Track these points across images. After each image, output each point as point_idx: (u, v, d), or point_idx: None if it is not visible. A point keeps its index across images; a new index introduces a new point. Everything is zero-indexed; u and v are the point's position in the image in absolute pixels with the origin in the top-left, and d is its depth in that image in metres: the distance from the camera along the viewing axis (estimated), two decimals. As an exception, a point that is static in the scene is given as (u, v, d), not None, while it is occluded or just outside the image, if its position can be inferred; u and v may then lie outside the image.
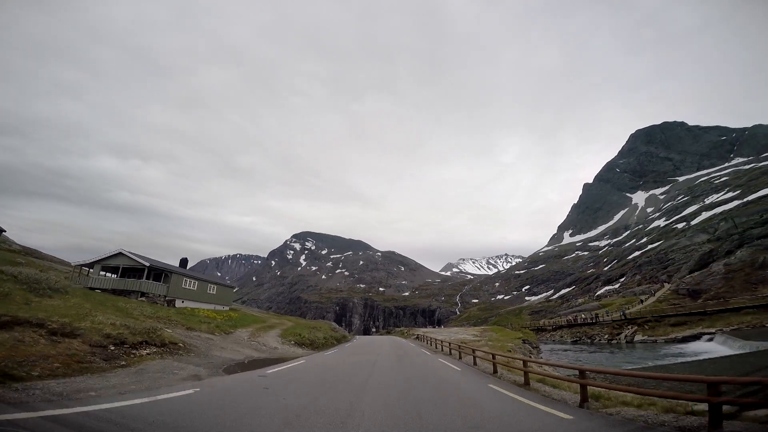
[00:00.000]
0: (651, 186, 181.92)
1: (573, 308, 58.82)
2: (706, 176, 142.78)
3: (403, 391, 9.44)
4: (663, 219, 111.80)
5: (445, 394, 9.12)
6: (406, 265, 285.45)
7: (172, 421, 5.63)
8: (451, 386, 10.60)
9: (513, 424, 6.40)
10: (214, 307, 39.93)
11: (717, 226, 67.49)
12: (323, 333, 36.70)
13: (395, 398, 8.37)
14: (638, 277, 62.36)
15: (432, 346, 31.66)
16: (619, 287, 65.52)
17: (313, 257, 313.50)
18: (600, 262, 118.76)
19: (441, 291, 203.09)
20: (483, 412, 7.14)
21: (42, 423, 5.10)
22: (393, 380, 11.37)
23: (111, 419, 5.63)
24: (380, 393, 8.99)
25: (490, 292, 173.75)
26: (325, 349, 29.39)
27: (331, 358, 20.78)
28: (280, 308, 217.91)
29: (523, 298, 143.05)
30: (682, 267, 56.71)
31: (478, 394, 9.46)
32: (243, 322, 31.69)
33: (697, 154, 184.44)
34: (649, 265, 65.70)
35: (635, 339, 44.59)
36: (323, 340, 32.77)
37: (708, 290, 47.64)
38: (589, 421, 6.67)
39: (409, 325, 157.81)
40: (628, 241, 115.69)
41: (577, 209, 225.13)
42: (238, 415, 6.20)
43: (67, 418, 5.41)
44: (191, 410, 6.49)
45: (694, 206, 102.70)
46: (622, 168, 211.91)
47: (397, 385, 10.27)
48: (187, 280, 37.36)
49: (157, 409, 6.33)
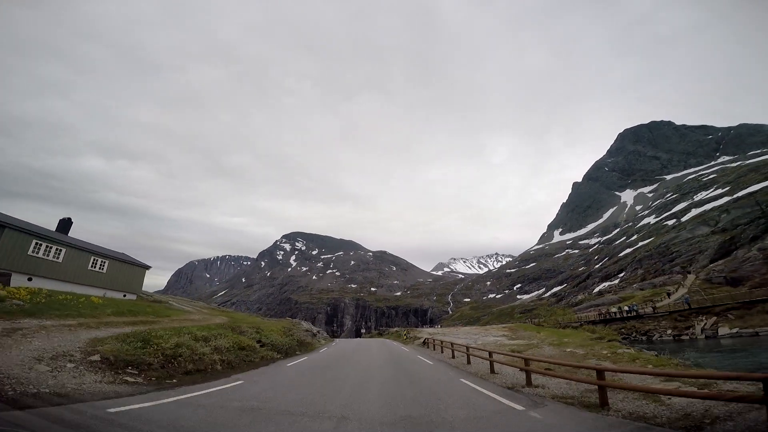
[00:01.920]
0: (639, 184, 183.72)
1: (586, 304, 54.80)
2: (694, 174, 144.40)
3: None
4: (653, 216, 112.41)
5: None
6: (398, 264, 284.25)
7: None
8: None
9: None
10: (105, 293, 27.88)
11: (718, 218, 67.76)
12: (250, 338, 19.25)
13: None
14: (641, 272, 61.70)
15: (465, 360, 17.76)
16: (619, 282, 65.02)
17: (303, 258, 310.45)
18: (591, 259, 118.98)
19: (433, 290, 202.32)
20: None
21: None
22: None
23: None
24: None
25: (482, 291, 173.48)
26: (215, 377, 11.27)
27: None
28: (270, 309, 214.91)
29: (515, 296, 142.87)
30: (698, 257, 55.04)
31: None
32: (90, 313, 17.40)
33: (684, 153, 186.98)
34: (650, 259, 65.39)
35: (720, 333, 35.17)
36: (236, 353, 15.26)
37: (750, 277, 43.88)
38: None
39: (401, 324, 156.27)
40: (619, 239, 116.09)
41: (567, 208, 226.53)
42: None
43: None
44: None
45: (684, 203, 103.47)
46: (611, 167, 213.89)
47: None
48: (41, 244, 23.82)
49: None
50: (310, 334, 37.27)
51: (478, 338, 30.71)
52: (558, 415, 7.29)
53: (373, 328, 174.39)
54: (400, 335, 51.48)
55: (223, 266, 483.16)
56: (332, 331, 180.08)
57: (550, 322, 51.06)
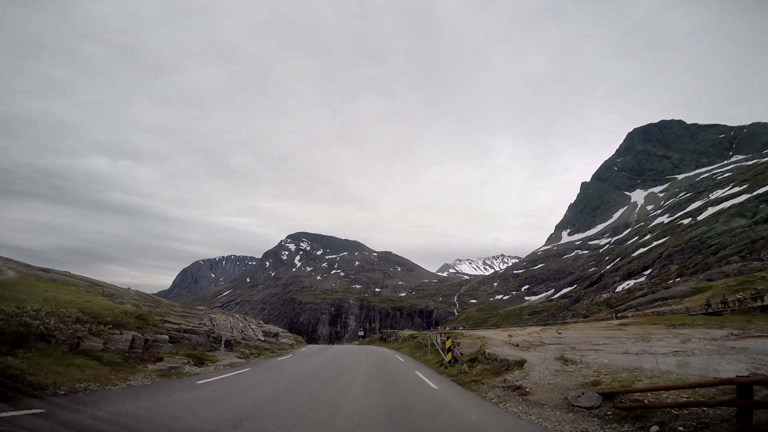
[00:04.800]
0: (650, 184, 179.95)
1: (649, 298, 45.41)
2: (707, 173, 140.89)
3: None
4: (666, 215, 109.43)
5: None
6: (403, 265, 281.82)
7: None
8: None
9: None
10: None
11: (755, 209, 66.78)
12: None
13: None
14: (674, 267, 58.33)
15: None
16: (645, 280, 61.83)
17: (308, 258, 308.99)
18: (602, 260, 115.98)
19: (438, 291, 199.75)
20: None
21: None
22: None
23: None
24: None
25: (488, 293, 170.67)
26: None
27: None
28: (273, 310, 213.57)
29: (523, 297, 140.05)
30: (755, 245, 50.57)
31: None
32: None
33: (695, 152, 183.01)
34: (680, 254, 62.48)
35: None
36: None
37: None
38: None
39: (405, 326, 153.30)
40: (631, 239, 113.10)
41: (575, 208, 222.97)
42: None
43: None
44: None
45: (699, 202, 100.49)
46: (620, 166, 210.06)
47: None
48: None
49: None
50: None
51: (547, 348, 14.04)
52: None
53: (378, 328, 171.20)
54: (418, 343, 26.92)
55: (229, 266, 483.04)
56: (336, 332, 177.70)
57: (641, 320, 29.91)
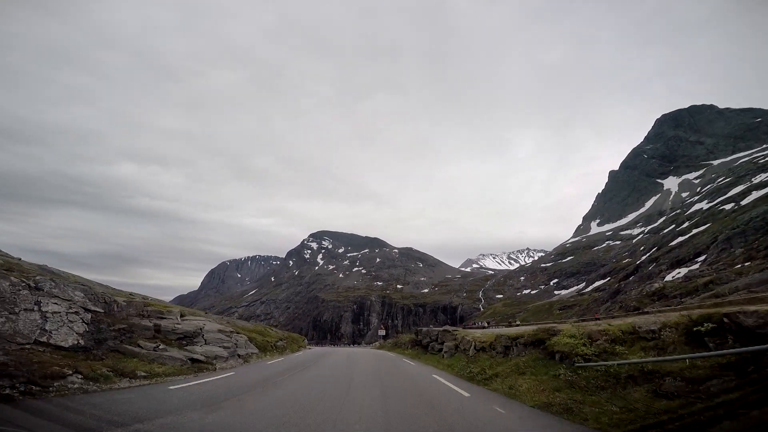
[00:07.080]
0: (683, 171, 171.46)
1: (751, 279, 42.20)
2: (747, 157, 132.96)
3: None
4: (705, 202, 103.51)
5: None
6: (425, 261, 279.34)
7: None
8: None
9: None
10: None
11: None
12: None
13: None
14: (740, 250, 53.27)
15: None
16: (704, 267, 56.65)
17: (330, 256, 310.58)
18: (636, 250, 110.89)
19: (462, 287, 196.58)
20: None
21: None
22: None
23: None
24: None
25: (515, 287, 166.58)
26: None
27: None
28: (297, 308, 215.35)
29: (552, 292, 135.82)
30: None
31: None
32: None
33: (731, 137, 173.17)
34: (741, 236, 57.92)
35: None
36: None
37: None
38: None
39: (429, 323, 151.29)
40: (667, 227, 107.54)
41: (604, 198, 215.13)
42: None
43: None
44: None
45: (741, 186, 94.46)
46: (650, 153, 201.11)
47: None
48: None
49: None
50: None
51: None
52: None
53: (400, 326, 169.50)
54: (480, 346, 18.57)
55: (254, 266, 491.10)
56: (359, 330, 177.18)
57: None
